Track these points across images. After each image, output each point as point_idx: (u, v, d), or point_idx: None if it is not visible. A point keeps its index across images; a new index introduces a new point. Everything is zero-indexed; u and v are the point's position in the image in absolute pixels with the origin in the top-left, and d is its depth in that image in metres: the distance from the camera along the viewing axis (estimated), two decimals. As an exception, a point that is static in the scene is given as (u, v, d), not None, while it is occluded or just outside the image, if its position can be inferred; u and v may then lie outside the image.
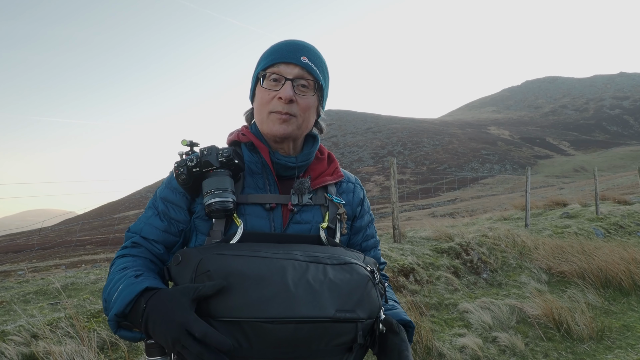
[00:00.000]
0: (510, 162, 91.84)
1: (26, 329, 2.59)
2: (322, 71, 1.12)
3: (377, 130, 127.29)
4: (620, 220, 9.29)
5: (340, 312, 0.87)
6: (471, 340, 3.61)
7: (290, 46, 1.09)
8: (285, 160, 1.11)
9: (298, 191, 1.09)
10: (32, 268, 12.66)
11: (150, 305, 0.85)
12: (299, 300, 0.85)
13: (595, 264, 5.53)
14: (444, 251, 5.71)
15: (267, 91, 1.07)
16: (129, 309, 0.87)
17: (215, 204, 0.99)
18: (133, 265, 0.98)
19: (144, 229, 1.07)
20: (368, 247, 1.23)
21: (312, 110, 1.11)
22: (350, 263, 0.96)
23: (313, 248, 0.98)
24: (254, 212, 1.06)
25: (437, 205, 35.71)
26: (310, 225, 1.08)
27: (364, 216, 1.22)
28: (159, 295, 0.86)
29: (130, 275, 0.93)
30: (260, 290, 0.84)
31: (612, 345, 3.80)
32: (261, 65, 1.11)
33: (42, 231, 34.82)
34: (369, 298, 0.93)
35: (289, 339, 0.84)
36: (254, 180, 1.10)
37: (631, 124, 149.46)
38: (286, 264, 0.89)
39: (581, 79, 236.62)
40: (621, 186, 24.58)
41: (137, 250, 1.05)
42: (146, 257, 1.04)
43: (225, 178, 1.02)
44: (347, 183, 1.22)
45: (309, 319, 0.84)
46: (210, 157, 1.02)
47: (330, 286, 0.89)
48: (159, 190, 1.13)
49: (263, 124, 1.10)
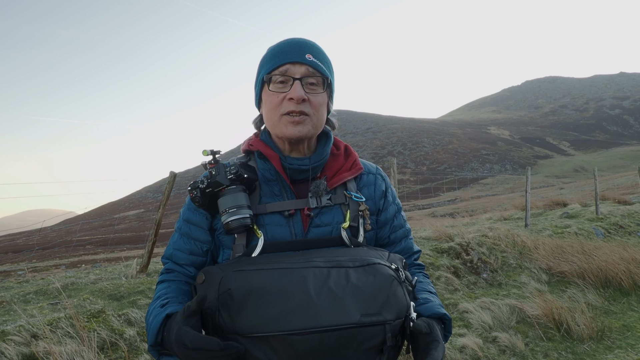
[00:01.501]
0: (510, 162, 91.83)
1: (26, 329, 2.59)
2: (327, 67, 1.10)
3: (377, 130, 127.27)
4: (620, 220, 9.28)
5: (366, 317, 0.86)
6: (471, 340, 3.61)
7: (293, 45, 1.07)
8: (297, 164, 1.09)
9: (315, 194, 1.07)
10: (32, 268, 12.66)
11: (166, 331, 0.92)
12: (322, 309, 0.84)
13: (595, 264, 5.53)
14: (444, 251, 5.71)
15: (275, 94, 1.05)
16: (159, 339, 0.94)
17: (232, 222, 1.00)
18: (165, 293, 1.05)
19: (173, 255, 1.12)
20: (397, 239, 1.19)
21: (323, 108, 1.09)
22: (374, 264, 0.94)
23: (334, 252, 0.97)
24: (273, 221, 1.05)
25: (437, 205, 35.71)
26: (331, 227, 1.06)
27: (388, 208, 1.18)
28: (170, 320, 0.93)
29: (158, 306, 0.99)
30: (283, 303, 0.85)
31: (612, 345, 3.80)
32: (265, 68, 1.08)
33: (42, 231, 34.82)
34: (395, 298, 0.91)
35: (317, 348, 0.84)
36: (270, 188, 1.10)
37: (631, 124, 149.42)
38: (306, 273, 0.89)
39: (581, 79, 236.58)
40: (621, 186, 24.58)
41: (171, 275, 1.11)
42: (180, 281, 1.10)
43: (238, 194, 1.02)
44: (367, 175, 1.18)
45: (334, 327, 0.84)
46: (219, 177, 1.03)
47: (354, 290, 0.88)
48: (182, 211, 1.16)
49: (276, 128, 1.07)
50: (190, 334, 0.83)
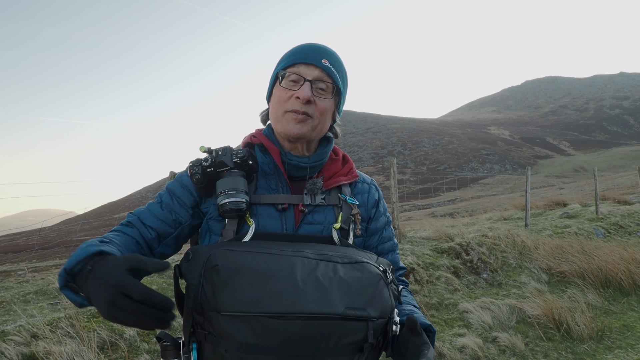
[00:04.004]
0: (510, 162, 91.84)
1: (26, 329, 2.59)
2: (341, 76, 1.11)
3: (377, 130, 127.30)
4: (620, 220, 9.29)
5: (350, 310, 0.86)
6: (471, 340, 3.61)
7: (312, 48, 1.09)
8: (297, 160, 1.10)
9: (310, 191, 1.09)
10: (32, 268, 12.65)
11: (94, 268, 0.80)
12: (307, 296, 0.84)
13: (595, 264, 5.53)
14: (444, 251, 5.71)
15: (285, 90, 1.07)
16: (77, 268, 0.82)
17: (228, 204, 0.99)
18: (112, 238, 0.96)
19: (142, 213, 1.09)
20: (384, 251, 1.20)
21: (328, 114, 1.11)
22: (362, 262, 0.94)
23: (324, 247, 0.98)
24: (266, 213, 1.06)
25: (437, 205, 35.70)
26: (323, 226, 1.08)
27: (379, 218, 1.20)
28: (105, 259, 0.81)
29: (96, 240, 0.90)
30: (269, 285, 0.84)
31: (612, 345, 3.80)
32: (281, 64, 1.11)
33: (42, 231, 34.82)
34: (381, 297, 0.92)
35: (297, 335, 0.83)
36: (267, 181, 1.11)
37: (631, 124, 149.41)
38: (295, 261, 0.89)
39: (581, 79, 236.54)
40: (621, 186, 24.57)
41: (128, 229, 1.05)
42: (132, 237, 1.03)
43: (238, 179, 1.02)
44: (362, 184, 1.21)
45: (318, 314, 0.83)
46: (224, 157, 1.03)
47: (340, 283, 0.88)
48: (168, 183, 1.14)
49: (278, 123, 1.09)
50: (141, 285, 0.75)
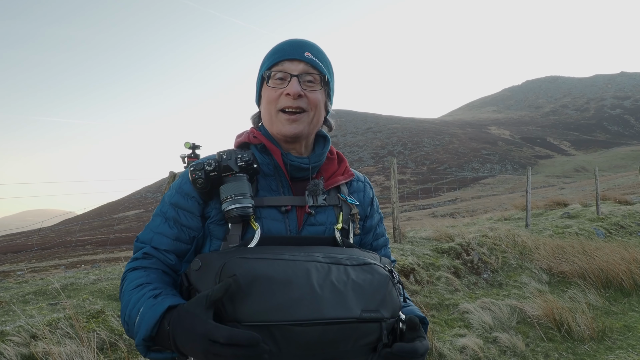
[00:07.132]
0: (510, 162, 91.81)
1: (25, 330, 2.59)
2: (326, 66, 1.12)
3: (377, 130, 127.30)
4: (621, 221, 9.27)
5: (366, 312, 0.88)
6: (472, 340, 3.61)
7: (293, 44, 1.10)
8: (298, 161, 1.10)
9: (312, 192, 1.09)
10: (31, 268, 12.65)
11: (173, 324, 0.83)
12: (326, 302, 0.85)
13: (596, 264, 5.52)
14: (445, 251, 5.70)
15: (273, 89, 1.07)
16: (155, 332, 0.85)
17: (236, 210, 0.98)
18: (148, 281, 0.96)
19: (154, 239, 1.05)
20: (379, 246, 1.23)
21: (321, 105, 1.11)
22: (369, 263, 0.96)
23: (331, 250, 0.98)
24: (269, 215, 1.05)
25: (438, 205, 35.70)
26: (325, 226, 1.08)
27: (373, 215, 1.23)
28: (179, 312, 0.84)
29: (149, 296, 0.91)
30: (288, 293, 0.84)
31: (613, 345, 3.79)
32: (265, 65, 1.11)
33: (42, 231, 34.84)
34: (391, 297, 0.94)
35: (317, 341, 0.84)
36: (267, 183, 1.10)
37: (632, 123, 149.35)
38: (309, 266, 0.89)
39: (582, 79, 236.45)
40: (622, 186, 24.56)
41: (149, 261, 1.03)
42: (158, 269, 1.02)
43: (244, 183, 1.01)
44: (357, 182, 1.22)
45: (337, 320, 0.85)
46: (229, 161, 1.01)
47: (354, 287, 0.90)
48: (168, 196, 1.10)
49: (272, 125, 1.09)
50: (223, 328, 0.77)
